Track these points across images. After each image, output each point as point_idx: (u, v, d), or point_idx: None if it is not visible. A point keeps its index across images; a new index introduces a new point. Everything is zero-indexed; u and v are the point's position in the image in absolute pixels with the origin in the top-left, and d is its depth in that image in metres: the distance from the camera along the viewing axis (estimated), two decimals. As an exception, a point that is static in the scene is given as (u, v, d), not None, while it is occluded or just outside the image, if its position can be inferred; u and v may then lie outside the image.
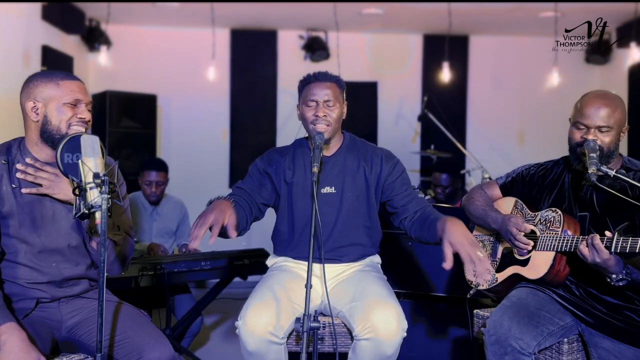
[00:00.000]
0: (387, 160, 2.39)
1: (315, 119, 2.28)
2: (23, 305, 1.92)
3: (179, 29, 6.06)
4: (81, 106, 1.97)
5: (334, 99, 2.29)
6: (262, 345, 2.05)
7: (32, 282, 1.93)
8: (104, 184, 1.62)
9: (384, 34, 6.25)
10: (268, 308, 2.09)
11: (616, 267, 2.00)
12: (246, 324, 2.06)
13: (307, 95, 2.32)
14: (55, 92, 1.94)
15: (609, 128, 2.15)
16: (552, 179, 2.37)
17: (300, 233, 2.38)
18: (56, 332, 1.97)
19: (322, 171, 2.29)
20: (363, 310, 2.11)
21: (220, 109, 6.17)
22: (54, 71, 2.05)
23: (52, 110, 1.93)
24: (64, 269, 1.98)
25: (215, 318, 4.59)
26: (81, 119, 1.95)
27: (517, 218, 2.30)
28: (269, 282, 2.28)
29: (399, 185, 2.37)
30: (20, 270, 1.92)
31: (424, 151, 5.67)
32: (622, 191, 2.11)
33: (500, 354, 2.09)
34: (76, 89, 1.98)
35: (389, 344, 2.05)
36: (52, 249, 1.95)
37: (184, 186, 5.17)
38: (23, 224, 1.91)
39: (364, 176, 2.37)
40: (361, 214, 2.38)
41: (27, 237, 1.92)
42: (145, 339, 1.88)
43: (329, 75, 2.35)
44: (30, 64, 4.61)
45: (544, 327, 2.12)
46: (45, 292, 1.95)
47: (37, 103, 1.94)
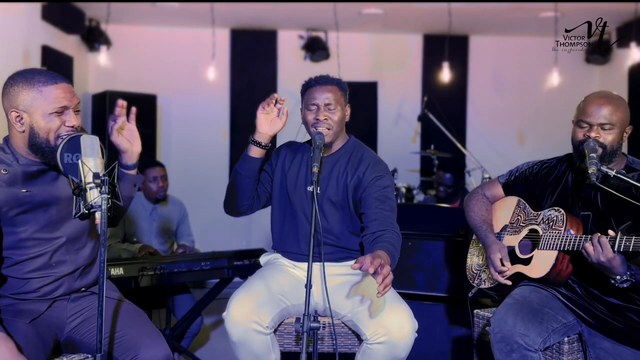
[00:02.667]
0: (372, 170, 2.31)
1: (316, 122, 2.29)
2: (34, 307, 1.91)
3: (179, 29, 6.05)
4: (68, 113, 1.84)
5: (334, 102, 2.30)
6: (246, 335, 2.09)
7: (59, 276, 1.93)
8: (104, 184, 1.62)
9: (384, 34, 6.25)
10: (253, 298, 2.13)
11: (620, 268, 1.99)
12: (230, 314, 2.11)
13: (308, 99, 2.34)
14: (39, 102, 1.80)
15: (612, 126, 2.15)
16: (555, 177, 2.36)
17: (289, 228, 2.40)
18: (59, 332, 1.97)
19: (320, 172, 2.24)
20: (373, 315, 2.11)
21: (220, 109, 6.17)
22: (35, 73, 1.85)
23: (39, 121, 1.81)
24: (83, 254, 1.99)
25: (215, 318, 4.59)
26: (70, 127, 1.84)
27: (503, 250, 2.32)
28: (257, 275, 2.34)
29: (372, 200, 2.26)
30: (43, 266, 1.91)
31: (424, 151, 5.67)
32: (626, 191, 2.11)
33: (506, 351, 2.09)
34: (61, 94, 1.82)
35: (403, 346, 2.07)
36: (73, 238, 1.96)
37: (183, 186, 5.17)
38: (40, 224, 1.90)
39: (344, 182, 2.34)
40: (342, 219, 2.35)
41: (48, 233, 1.91)
42: (143, 338, 1.88)
43: (330, 78, 2.37)
44: (30, 64, 4.61)
45: (548, 323, 2.12)
46: (65, 286, 1.95)
47: (20, 113, 1.81)
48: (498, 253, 2.30)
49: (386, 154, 2.74)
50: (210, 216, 5.69)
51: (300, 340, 1.87)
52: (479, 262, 2.52)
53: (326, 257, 2.31)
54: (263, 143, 2.34)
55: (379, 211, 2.23)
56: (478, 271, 2.49)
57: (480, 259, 2.52)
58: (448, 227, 3.27)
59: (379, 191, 2.28)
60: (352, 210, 2.34)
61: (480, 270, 2.49)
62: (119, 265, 3.03)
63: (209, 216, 5.60)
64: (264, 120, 2.34)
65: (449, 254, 3.21)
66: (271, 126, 2.34)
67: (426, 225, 3.37)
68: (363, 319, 2.14)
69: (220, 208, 2.51)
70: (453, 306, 3.20)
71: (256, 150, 2.34)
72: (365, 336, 2.12)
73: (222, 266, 3.41)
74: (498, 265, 2.29)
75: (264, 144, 2.34)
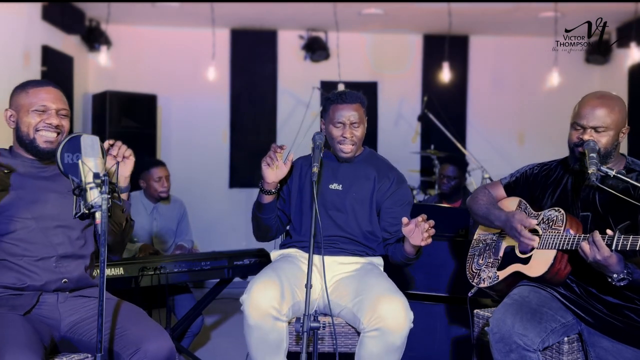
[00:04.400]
0: (398, 183, 2.51)
1: (343, 140, 2.44)
2: (24, 301, 1.94)
3: (179, 29, 6.05)
4: (50, 112, 2.01)
5: (359, 120, 2.46)
6: (264, 320, 2.12)
7: (37, 258, 1.97)
8: (104, 184, 1.62)
9: (384, 34, 6.25)
10: (274, 286, 2.17)
11: (617, 266, 1.99)
12: (251, 297, 2.14)
13: (334, 117, 2.44)
14: (25, 100, 2.02)
15: (605, 128, 2.15)
16: (555, 178, 2.37)
17: (307, 227, 2.44)
18: (55, 332, 1.97)
19: (334, 173, 2.49)
20: (369, 304, 2.16)
21: (220, 109, 6.16)
22: (32, 80, 2.11)
23: (23, 117, 2.01)
24: (55, 241, 2.01)
25: (216, 318, 4.59)
26: (48, 124, 2.00)
27: (521, 214, 2.30)
28: (273, 266, 2.40)
29: (398, 211, 2.45)
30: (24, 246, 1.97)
31: (424, 151, 5.67)
32: (625, 191, 2.11)
33: (505, 351, 2.09)
34: (45, 95, 2.02)
35: (398, 335, 2.11)
36: (45, 225, 2.01)
37: (184, 186, 5.17)
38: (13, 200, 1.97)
39: (373, 184, 2.48)
40: (362, 216, 2.47)
41: (19, 211, 1.98)
42: (145, 331, 1.89)
43: (355, 95, 2.50)
44: (30, 64, 4.61)
45: (547, 323, 2.12)
46: (42, 275, 1.97)
47: (11, 112, 2.04)
48: (518, 224, 2.27)
49: (386, 154, 2.75)
50: (210, 216, 5.70)
51: (301, 340, 1.88)
52: (479, 261, 2.52)
53: (342, 251, 2.45)
54: (273, 190, 2.44)
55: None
56: (478, 270, 2.49)
57: (480, 259, 2.52)
58: (448, 227, 3.27)
59: (402, 205, 2.48)
60: (373, 212, 2.47)
61: (480, 270, 2.49)
62: (119, 265, 3.02)
63: (209, 216, 5.61)
64: (270, 173, 2.41)
65: (449, 254, 3.22)
66: (277, 174, 2.42)
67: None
68: (360, 310, 2.19)
69: (220, 208, 2.54)
70: (453, 306, 3.20)
71: (269, 197, 2.46)
72: (362, 326, 2.15)
73: (222, 266, 3.41)
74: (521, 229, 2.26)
75: (274, 190, 2.44)
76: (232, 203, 6.04)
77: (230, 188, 6.12)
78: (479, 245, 2.56)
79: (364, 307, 2.18)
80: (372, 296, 2.19)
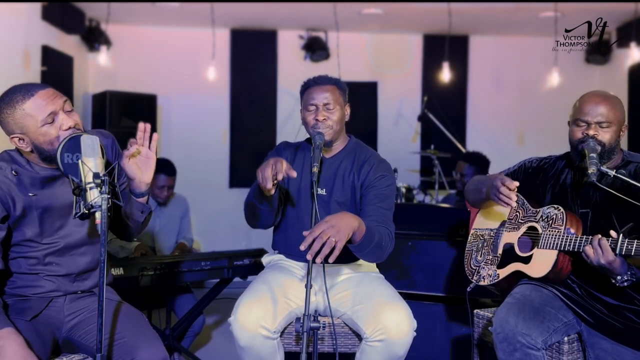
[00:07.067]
0: (377, 169, 2.33)
1: (315, 123, 2.29)
2: (33, 304, 1.93)
3: (179, 29, 6.05)
4: (59, 116, 1.84)
5: (333, 101, 2.30)
6: (254, 341, 2.08)
7: (51, 274, 1.96)
8: (104, 184, 1.62)
9: (384, 34, 6.25)
10: (260, 304, 2.11)
11: (621, 269, 1.99)
12: (238, 320, 2.09)
13: (307, 100, 2.33)
14: (27, 120, 1.81)
15: (609, 123, 2.16)
16: (554, 173, 2.37)
17: (292, 230, 2.39)
18: (57, 332, 1.97)
19: (320, 172, 2.24)
20: (372, 313, 2.11)
21: (220, 109, 6.16)
22: (12, 92, 1.84)
23: (37, 138, 1.83)
24: (80, 261, 2.01)
25: (216, 318, 4.59)
26: (67, 129, 1.84)
27: (505, 177, 2.31)
28: (262, 278, 2.32)
29: (372, 197, 2.28)
30: (38, 267, 1.94)
31: (424, 151, 5.67)
32: (625, 188, 2.11)
33: (509, 351, 2.10)
34: (42, 102, 1.82)
35: (401, 344, 2.07)
36: (71, 245, 1.98)
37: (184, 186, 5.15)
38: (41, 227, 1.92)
39: (351, 183, 2.35)
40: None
41: (46, 238, 1.94)
42: (139, 340, 1.88)
43: (328, 78, 2.36)
44: (30, 64, 4.61)
45: (549, 322, 2.12)
46: (59, 285, 1.97)
47: (19, 136, 1.84)
48: (499, 181, 2.26)
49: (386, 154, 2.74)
50: (210, 216, 5.70)
51: (301, 340, 1.87)
52: (478, 257, 2.52)
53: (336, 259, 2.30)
54: (273, 191, 2.18)
55: (377, 209, 2.25)
56: (477, 267, 2.49)
57: (479, 255, 2.52)
58: (448, 227, 3.27)
59: (379, 189, 2.29)
60: (359, 211, 2.32)
61: (479, 267, 2.49)
62: (119, 265, 3.03)
63: (209, 216, 5.61)
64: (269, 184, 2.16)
65: (448, 254, 3.21)
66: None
67: (426, 225, 3.37)
68: (362, 317, 2.14)
69: (220, 208, 2.52)
70: (453, 306, 3.19)
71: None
72: (364, 334, 2.12)
73: (222, 266, 3.40)
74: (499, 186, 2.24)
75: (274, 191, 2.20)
76: (232, 203, 6.01)
77: (230, 188, 6.12)
78: (477, 240, 2.56)
79: (367, 314, 2.13)
80: (373, 304, 2.13)
